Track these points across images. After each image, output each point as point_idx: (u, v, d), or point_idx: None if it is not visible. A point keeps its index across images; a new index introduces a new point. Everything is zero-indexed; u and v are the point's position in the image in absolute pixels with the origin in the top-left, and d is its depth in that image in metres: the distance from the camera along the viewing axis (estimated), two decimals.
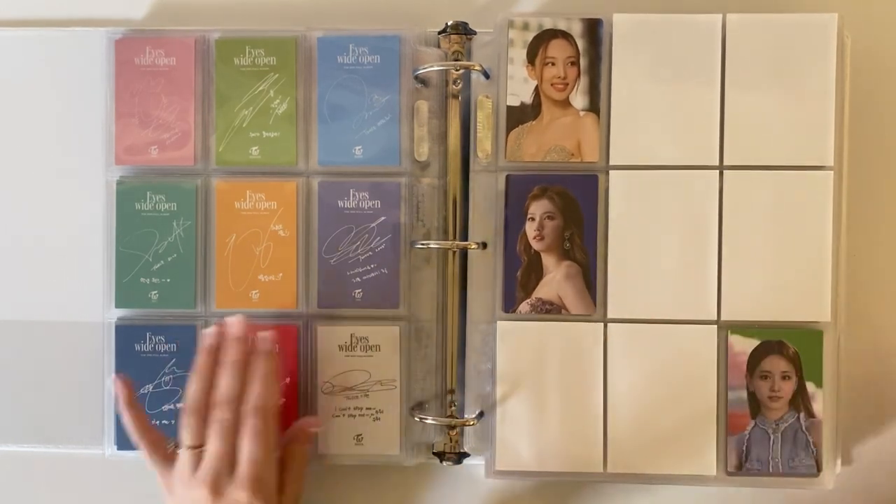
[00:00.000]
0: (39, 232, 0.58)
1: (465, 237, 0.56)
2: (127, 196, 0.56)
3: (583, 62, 0.55)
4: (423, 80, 0.56)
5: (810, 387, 0.54)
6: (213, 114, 0.56)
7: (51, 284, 0.58)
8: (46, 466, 0.60)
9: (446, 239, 0.56)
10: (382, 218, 0.56)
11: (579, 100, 0.55)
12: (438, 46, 0.56)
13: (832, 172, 0.54)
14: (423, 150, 0.56)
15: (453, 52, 0.56)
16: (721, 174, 0.54)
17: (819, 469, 0.54)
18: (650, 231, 0.54)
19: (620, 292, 0.55)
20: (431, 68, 0.55)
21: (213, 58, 0.56)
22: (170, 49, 0.56)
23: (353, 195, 0.56)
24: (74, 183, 0.58)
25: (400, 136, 0.55)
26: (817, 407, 0.54)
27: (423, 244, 0.55)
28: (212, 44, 0.56)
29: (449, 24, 0.55)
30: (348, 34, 0.56)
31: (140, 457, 0.56)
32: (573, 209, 0.55)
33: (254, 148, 0.56)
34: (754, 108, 0.54)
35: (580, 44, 0.55)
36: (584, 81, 0.55)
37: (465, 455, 0.56)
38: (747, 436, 0.54)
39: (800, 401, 0.54)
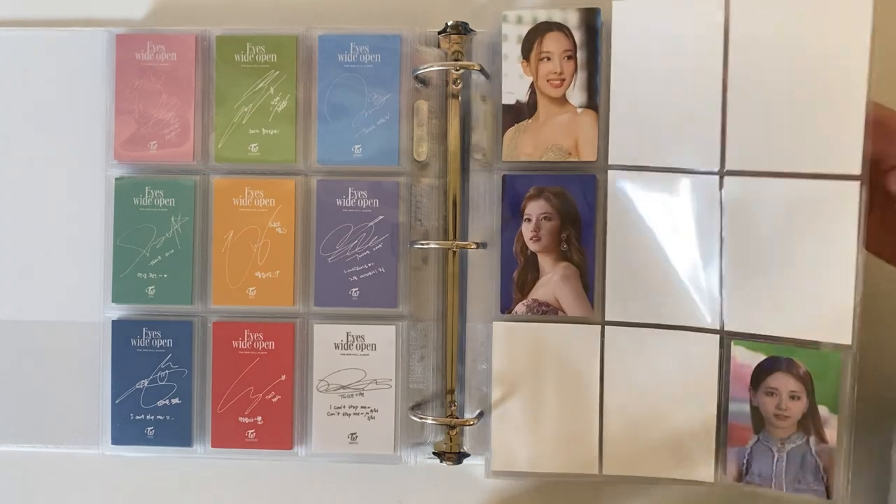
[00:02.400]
0: (38, 230, 0.58)
1: (464, 237, 0.56)
2: (125, 191, 0.56)
3: (580, 56, 0.53)
4: (423, 80, 0.56)
5: (823, 411, 0.49)
6: (212, 110, 0.56)
7: (48, 283, 0.58)
8: (45, 466, 0.60)
9: (446, 239, 0.56)
10: (380, 217, 0.56)
11: (577, 96, 0.54)
12: (438, 46, 0.56)
13: (859, 183, 0.46)
14: (423, 150, 0.56)
15: (453, 52, 0.56)
16: (721, 178, 0.51)
17: (829, 495, 0.49)
18: (650, 232, 0.53)
19: (618, 295, 0.54)
20: (431, 68, 0.55)
21: (213, 54, 0.56)
22: (171, 45, 0.56)
23: (352, 194, 0.56)
24: (74, 181, 0.58)
25: (399, 136, 0.55)
26: (830, 433, 0.49)
27: (422, 244, 0.55)
28: (212, 40, 0.56)
29: (449, 23, 0.56)
30: (349, 33, 0.56)
31: (138, 454, 0.56)
32: (570, 210, 0.54)
33: (253, 145, 0.56)
34: (767, 104, 0.49)
35: (577, 36, 0.53)
36: (581, 76, 0.53)
37: (465, 455, 0.56)
38: (748, 450, 0.51)
39: (810, 424, 0.50)
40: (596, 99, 0.53)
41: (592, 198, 0.54)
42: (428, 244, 0.55)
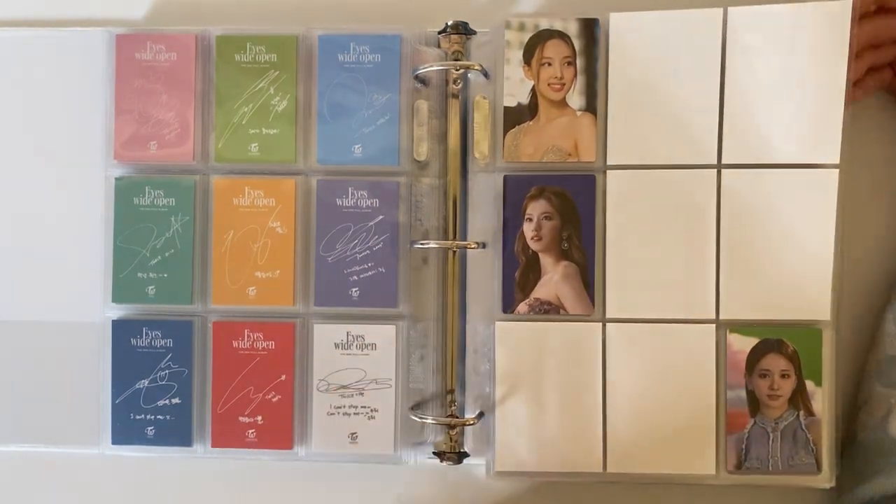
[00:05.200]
0: (38, 230, 0.58)
1: (464, 237, 0.56)
2: (125, 191, 0.56)
3: (579, 62, 0.55)
4: (423, 80, 0.56)
5: (809, 385, 0.54)
6: (212, 110, 0.56)
7: (48, 283, 0.58)
8: (45, 466, 0.60)
9: (445, 239, 0.56)
10: (380, 217, 0.56)
11: (576, 100, 0.55)
12: (438, 46, 0.56)
13: (837, 171, 0.53)
14: (423, 150, 0.56)
15: (453, 52, 0.56)
16: (719, 173, 0.54)
17: (819, 468, 0.53)
18: (648, 230, 0.54)
19: (618, 292, 0.54)
20: (431, 68, 0.55)
21: (213, 54, 0.56)
22: (171, 44, 0.56)
23: (352, 194, 0.56)
24: (74, 181, 0.58)
25: (399, 136, 0.55)
26: (817, 405, 0.54)
27: (422, 244, 0.55)
28: (212, 40, 0.56)
29: (449, 23, 0.56)
30: (349, 33, 0.56)
31: (138, 454, 0.56)
32: (570, 209, 0.55)
33: (253, 145, 0.56)
34: (755, 105, 0.53)
35: (577, 44, 0.55)
36: (580, 81, 0.55)
37: (465, 455, 0.56)
38: (746, 434, 0.54)
39: (799, 399, 0.54)
40: (594, 102, 0.55)
41: (592, 197, 0.55)
42: (428, 244, 0.55)
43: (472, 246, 0.55)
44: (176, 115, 0.56)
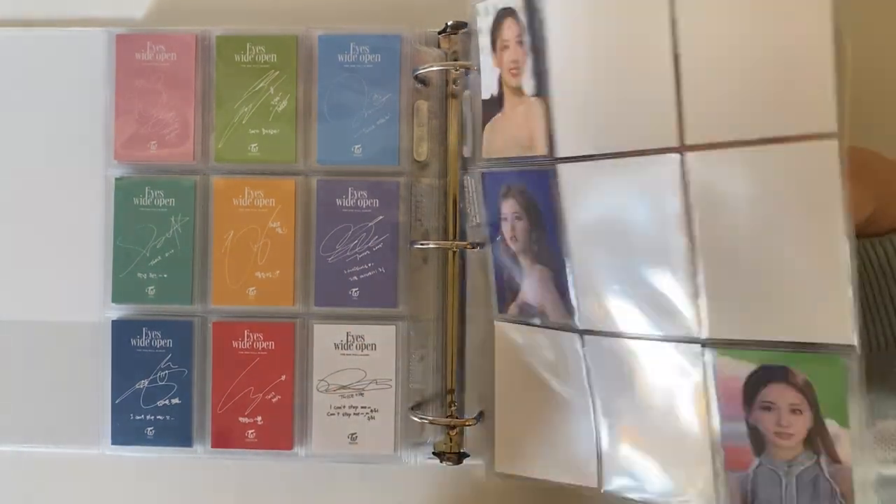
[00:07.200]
0: (38, 230, 0.58)
1: (464, 237, 0.56)
2: (125, 191, 0.56)
3: (526, 39, 0.46)
4: (423, 80, 0.56)
5: (832, 425, 0.40)
6: (212, 110, 0.56)
7: (48, 283, 0.58)
8: (45, 466, 0.60)
9: (446, 239, 0.56)
10: (380, 217, 0.56)
11: (529, 83, 0.47)
12: (438, 46, 0.56)
13: (836, 141, 0.37)
14: (423, 150, 0.56)
15: (453, 52, 0.56)
16: (682, 155, 0.41)
17: None
18: (612, 230, 0.45)
19: (587, 301, 0.46)
20: (431, 68, 0.55)
21: (213, 54, 0.56)
22: (171, 45, 0.56)
23: (352, 194, 0.56)
24: (74, 181, 0.58)
25: (399, 136, 0.55)
26: (842, 450, 0.40)
27: (422, 244, 0.55)
28: (212, 40, 0.56)
29: (449, 23, 0.56)
30: (349, 33, 0.56)
31: (138, 454, 0.56)
32: (534, 209, 0.48)
33: (253, 145, 0.56)
34: (720, 63, 0.40)
35: (523, 18, 0.47)
36: (529, 61, 0.47)
37: (465, 455, 0.56)
38: (751, 475, 0.43)
39: (818, 442, 0.41)
40: (545, 86, 0.46)
41: (547, 194, 0.47)
42: (428, 244, 0.55)
43: (471, 246, 0.55)
44: (176, 115, 0.56)
